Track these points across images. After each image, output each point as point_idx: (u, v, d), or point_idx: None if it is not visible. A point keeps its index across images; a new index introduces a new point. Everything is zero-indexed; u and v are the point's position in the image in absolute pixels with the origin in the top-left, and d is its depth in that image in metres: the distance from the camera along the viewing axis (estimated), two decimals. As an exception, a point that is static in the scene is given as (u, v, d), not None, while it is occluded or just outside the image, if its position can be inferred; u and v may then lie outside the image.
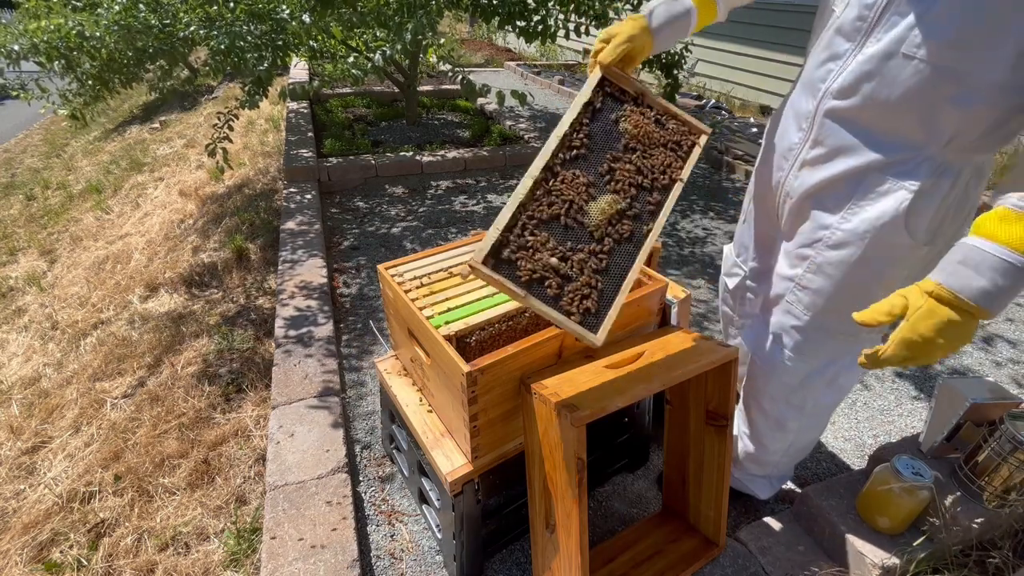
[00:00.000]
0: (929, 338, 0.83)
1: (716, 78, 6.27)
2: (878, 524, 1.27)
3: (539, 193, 0.99)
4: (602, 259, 0.99)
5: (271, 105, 5.56)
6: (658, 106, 1.13)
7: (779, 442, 1.39)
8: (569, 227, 0.99)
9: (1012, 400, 1.28)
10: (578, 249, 0.98)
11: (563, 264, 0.96)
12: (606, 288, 0.98)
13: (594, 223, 1.00)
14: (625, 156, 1.07)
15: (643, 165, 1.07)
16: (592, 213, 1.01)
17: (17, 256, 3.93)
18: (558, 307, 0.94)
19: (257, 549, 1.45)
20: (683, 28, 1.13)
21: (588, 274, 0.97)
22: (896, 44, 0.90)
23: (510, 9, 3.46)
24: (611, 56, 1.09)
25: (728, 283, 1.48)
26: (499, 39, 10.53)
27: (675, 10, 1.11)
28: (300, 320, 2.23)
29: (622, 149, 1.07)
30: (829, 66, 1.02)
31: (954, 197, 0.99)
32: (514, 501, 1.40)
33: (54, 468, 1.85)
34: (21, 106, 4.56)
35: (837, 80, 1.00)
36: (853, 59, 0.97)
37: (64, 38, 2.65)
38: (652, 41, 1.12)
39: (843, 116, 1.02)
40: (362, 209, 3.46)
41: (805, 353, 1.22)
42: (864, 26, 0.94)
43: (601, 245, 1.00)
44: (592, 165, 1.05)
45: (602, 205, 1.01)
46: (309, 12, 2.84)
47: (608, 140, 1.08)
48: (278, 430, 1.72)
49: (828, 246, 1.10)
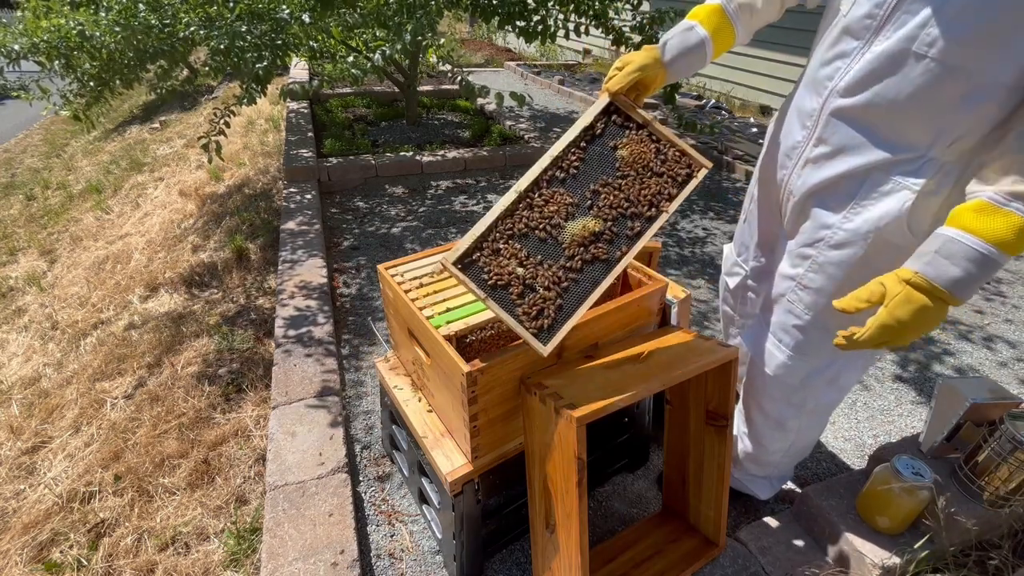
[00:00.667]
0: (905, 323, 0.88)
1: (716, 78, 6.27)
2: (878, 524, 1.27)
3: (521, 207, 1.05)
4: (568, 276, 1.04)
5: (271, 105, 5.56)
6: (663, 137, 1.14)
7: (779, 442, 1.39)
8: (544, 241, 1.04)
9: (1012, 400, 1.28)
10: (547, 263, 1.03)
11: (527, 274, 1.02)
12: (567, 303, 1.04)
13: (567, 241, 1.05)
14: (614, 182, 1.09)
15: (631, 193, 1.09)
16: (567, 231, 1.05)
17: (17, 256, 3.93)
18: (514, 313, 1.01)
19: (257, 549, 1.45)
20: (699, 59, 1.15)
21: (551, 287, 1.03)
22: (907, 42, 0.89)
23: (510, 9, 3.47)
24: (620, 84, 1.12)
25: (729, 283, 1.47)
26: (499, 39, 10.53)
27: (689, 41, 1.12)
28: (300, 320, 2.23)
29: (614, 175, 1.10)
30: (836, 64, 1.01)
31: (955, 196, 0.98)
32: (514, 501, 1.40)
33: (54, 468, 1.85)
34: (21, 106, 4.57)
35: (844, 78, 1.00)
36: (861, 57, 0.96)
37: (64, 38, 2.65)
38: (665, 72, 1.14)
39: (849, 115, 1.02)
40: (362, 209, 3.46)
41: (806, 353, 1.22)
42: (873, 24, 0.94)
43: (571, 262, 1.04)
44: (580, 187, 1.08)
45: (579, 225, 1.06)
46: (309, 12, 2.84)
47: (602, 164, 1.10)
48: (278, 430, 1.72)
49: (830, 246, 1.10)
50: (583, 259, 1.05)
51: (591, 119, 1.11)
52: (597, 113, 1.12)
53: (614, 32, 3.63)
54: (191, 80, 6.70)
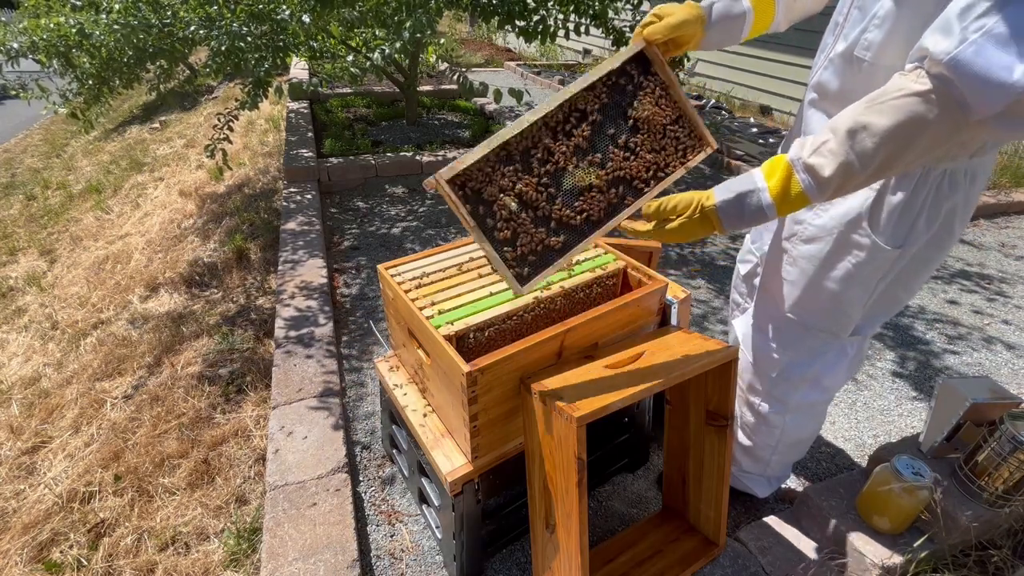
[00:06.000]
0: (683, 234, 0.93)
1: (716, 78, 6.26)
2: (878, 524, 1.27)
3: (527, 139, 0.97)
4: (561, 222, 0.99)
5: (271, 105, 5.56)
6: (680, 101, 1.08)
7: (765, 436, 1.40)
8: (542, 182, 0.98)
9: (1012, 400, 1.28)
10: (541, 205, 0.98)
11: (521, 212, 0.96)
12: (553, 250, 0.99)
13: (567, 186, 0.99)
14: (626, 139, 1.03)
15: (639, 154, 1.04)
16: (568, 177, 1.00)
17: (17, 256, 3.93)
18: (500, 249, 0.95)
19: (257, 549, 1.45)
20: (735, 31, 1.10)
21: (541, 230, 0.97)
22: (852, 45, 0.97)
23: (510, 9, 3.46)
24: (660, 35, 1.02)
25: (740, 269, 1.51)
26: (499, 39, 10.53)
27: (733, 10, 1.06)
28: (300, 320, 2.23)
29: (627, 131, 1.04)
30: (817, 59, 1.08)
31: (923, 200, 1.00)
32: (514, 501, 1.40)
33: (54, 468, 1.85)
34: (21, 106, 4.55)
35: (816, 74, 1.07)
36: (828, 55, 1.04)
37: (63, 36, 2.65)
38: (703, 35, 1.06)
39: (820, 108, 1.09)
40: (362, 209, 3.46)
41: (782, 344, 1.25)
42: (837, 25, 1.01)
43: (569, 210, 0.99)
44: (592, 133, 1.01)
45: (580, 174, 1.00)
46: (309, 12, 2.84)
47: (617, 116, 1.03)
48: (278, 430, 1.72)
49: (802, 240, 1.15)
50: (577, 210, 1.00)
51: (619, 64, 1.03)
52: (627, 59, 1.03)
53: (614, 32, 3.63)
54: (191, 80, 6.70)
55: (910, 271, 1.10)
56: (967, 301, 2.67)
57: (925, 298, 2.68)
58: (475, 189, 0.94)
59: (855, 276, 1.10)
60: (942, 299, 2.68)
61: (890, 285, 1.12)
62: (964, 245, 3.22)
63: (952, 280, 2.85)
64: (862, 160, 0.79)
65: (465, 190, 0.93)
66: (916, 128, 0.75)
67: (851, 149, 0.79)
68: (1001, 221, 3.56)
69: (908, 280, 1.13)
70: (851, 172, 0.80)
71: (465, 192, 0.93)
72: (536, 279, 0.98)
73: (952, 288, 2.78)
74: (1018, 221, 3.57)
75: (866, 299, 1.14)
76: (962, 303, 2.65)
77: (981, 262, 3.05)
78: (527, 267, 0.97)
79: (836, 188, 0.83)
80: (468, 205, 0.93)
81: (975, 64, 0.67)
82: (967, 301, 2.67)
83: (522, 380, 1.14)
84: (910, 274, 1.11)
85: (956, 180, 0.98)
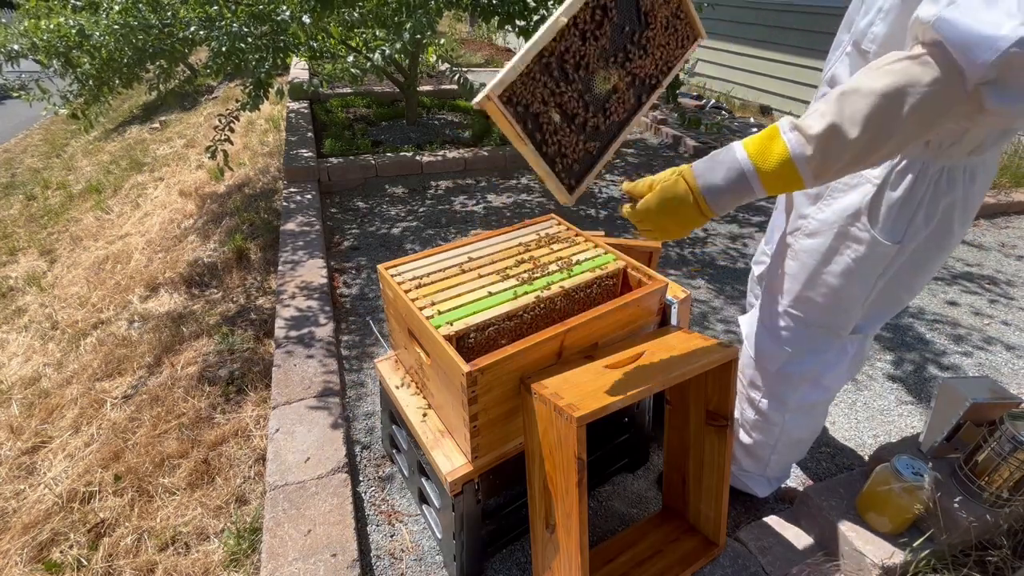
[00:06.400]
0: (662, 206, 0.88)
1: (716, 78, 6.26)
2: (878, 524, 1.27)
3: (560, 44, 0.95)
4: (596, 128, 1.02)
5: (271, 105, 5.56)
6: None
7: (765, 434, 1.40)
8: (577, 89, 0.98)
9: (1012, 400, 1.28)
10: (579, 113, 0.99)
11: (565, 124, 0.98)
12: (592, 154, 1.02)
13: (597, 92, 1.01)
14: (640, 36, 1.05)
15: (652, 50, 1.07)
16: (598, 82, 1.01)
17: (17, 256, 3.93)
18: (552, 164, 0.97)
19: (257, 549, 1.45)
20: None
21: (581, 138, 1.00)
22: (861, 37, 0.98)
23: (510, 9, 3.46)
24: None
25: (755, 270, 1.52)
26: (499, 39, 10.53)
27: None
28: (300, 320, 2.23)
29: (641, 27, 1.05)
30: (830, 56, 1.09)
31: (922, 196, 1.00)
32: (514, 501, 1.40)
33: (54, 468, 1.85)
34: (21, 106, 4.55)
35: (829, 70, 1.08)
36: (842, 51, 1.05)
37: (63, 37, 2.65)
38: None
39: None
40: (362, 209, 3.46)
41: (782, 339, 1.26)
42: (852, 22, 1.02)
43: (601, 115, 1.02)
44: (611, 32, 1.02)
45: (604, 76, 1.01)
46: (309, 13, 2.84)
47: (630, 11, 1.04)
48: (278, 430, 1.72)
49: (805, 234, 1.16)
50: (606, 114, 1.02)
51: None
52: None
53: (614, 32, 3.63)
54: (191, 80, 6.70)
55: (910, 270, 1.11)
56: (967, 302, 2.67)
57: (925, 299, 2.69)
58: (524, 104, 0.92)
59: (854, 271, 1.10)
60: (942, 299, 2.68)
61: (890, 284, 1.12)
62: (964, 245, 3.22)
63: (952, 281, 2.85)
64: (851, 121, 0.75)
65: (516, 107, 0.92)
66: (909, 91, 0.72)
67: (841, 110, 0.75)
68: (1001, 221, 3.56)
69: (909, 280, 1.13)
70: (839, 135, 0.75)
71: (516, 109, 0.92)
72: (581, 188, 1.01)
73: (952, 289, 2.78)
74: (1018, 221, 3.57)
75: (865, 296, 1.14)
76: (962, 304, 2.65)
77: (981, 262, 3.05)
78: (573, 178, 1.00)
79: (823, 153, 0.77)
80: (520, 123, 0.92)
81: (961, 21, 0.68)
82: (967, 302, 2.67)
83: (522, 380, 1.14)
84: (911, 274, 1.12)
85: (954, 177, 0.99)
